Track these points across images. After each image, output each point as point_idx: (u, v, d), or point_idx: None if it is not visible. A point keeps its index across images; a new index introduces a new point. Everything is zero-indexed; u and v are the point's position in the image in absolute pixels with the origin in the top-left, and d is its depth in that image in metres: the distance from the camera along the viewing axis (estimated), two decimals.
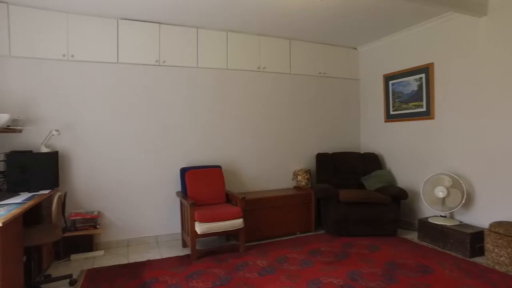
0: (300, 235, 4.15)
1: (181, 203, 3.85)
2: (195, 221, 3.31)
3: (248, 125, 4.46)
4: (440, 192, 3.65)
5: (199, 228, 3.27)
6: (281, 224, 4.07)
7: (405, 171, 4.51)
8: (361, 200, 3.95)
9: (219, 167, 4.02)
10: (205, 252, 3.54)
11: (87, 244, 3.54)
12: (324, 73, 4.94)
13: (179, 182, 4.07)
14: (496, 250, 3.02)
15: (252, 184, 4.49)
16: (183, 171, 3.87)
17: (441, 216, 3.80)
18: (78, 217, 3.47)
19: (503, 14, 3.31)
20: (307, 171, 4.53)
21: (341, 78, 5.12)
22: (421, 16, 3.91)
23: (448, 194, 3.63)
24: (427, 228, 3.76)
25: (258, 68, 4.46)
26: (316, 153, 4.90)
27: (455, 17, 3.76)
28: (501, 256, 3.00)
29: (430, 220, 3.75)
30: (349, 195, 3.96)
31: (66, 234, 3.37)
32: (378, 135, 4.96)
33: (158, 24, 3.90)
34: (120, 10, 3.54)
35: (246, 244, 3.77)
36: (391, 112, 4.69)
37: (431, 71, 4.07)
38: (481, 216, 3.57)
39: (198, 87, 4.18)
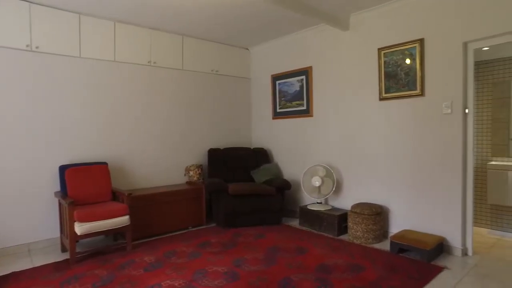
0: (192, 229, 4.20)
1: (60, 204, 3.51)
2: (75, 221, 3.07)
3: (138, 120, 4.30)
4: (316, 182, 4.14)
5: (79, 228, 3.04)
6: (172, 220, 4.06)
7: (290, 164, 4.97)
8: (249, 193, 4.20)
9: (104, 163, 3.79)
10: (88, 254, 3.30)
11: None
12: (217, 71, 5.08)
13: (58, 181, 3.70)
14: (355, 227, 3.60)
15: (144, 181, 4.35)
16: (63, 168, 3.54)
17: (317, 202, 4.31)
18: None
19: (359, 31, 3.95)
20: (199, 166, 4.61)
21: (234, 76, 5.33)
22: (302, 24, 4.36)
23: (323, 183, 4.15)
24: (306, 214, 4.22)
25: (148, 62, 4.33)
26: (208, 148, 5.01)
27: (327, 29, 4.30)
28: (357, 231, 3.58)
29: (309, 207, 4.23)
30: (237, 188, 4.18)
31: None
32: (267, 131, 5.34)
33: (27, 3, 3.44)
34: None
35: (136, 242, 3.66)
36: (278, 110, 5.10)
37: (310, 74, 4.57)
38: (347, 200, 4.18)
39: (80, 78, 3.84)
